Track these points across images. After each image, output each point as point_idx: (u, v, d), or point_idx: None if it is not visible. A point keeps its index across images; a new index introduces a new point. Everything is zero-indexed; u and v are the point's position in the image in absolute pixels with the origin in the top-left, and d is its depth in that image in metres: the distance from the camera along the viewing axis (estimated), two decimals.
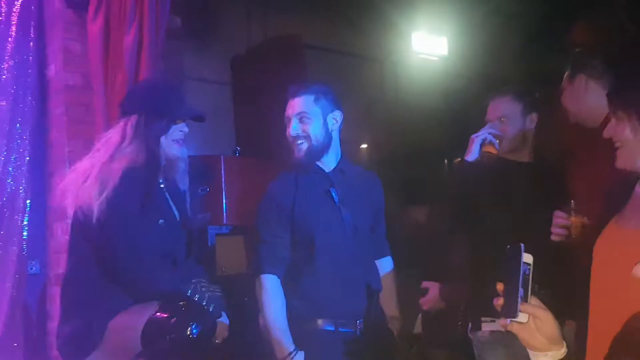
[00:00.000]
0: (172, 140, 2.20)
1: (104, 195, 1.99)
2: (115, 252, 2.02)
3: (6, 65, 3.56)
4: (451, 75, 5.82)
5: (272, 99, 4.60)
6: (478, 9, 5.17)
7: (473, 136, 2.53)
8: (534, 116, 2.63)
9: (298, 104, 2.32)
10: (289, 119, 2.32)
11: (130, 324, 1.98)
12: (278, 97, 4.49)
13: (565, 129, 2.69)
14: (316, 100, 2.32)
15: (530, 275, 1.18)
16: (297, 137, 2.30)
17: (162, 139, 2.18)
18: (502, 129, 2.57)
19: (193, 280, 2.09)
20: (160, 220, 2.12)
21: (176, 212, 2.26)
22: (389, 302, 2.43)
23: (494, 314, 2.25)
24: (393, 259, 2.54)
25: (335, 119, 2.35)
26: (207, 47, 4.63)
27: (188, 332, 1.92)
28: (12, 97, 3.60)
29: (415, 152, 5.03)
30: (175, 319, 1.94)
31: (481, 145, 2.50)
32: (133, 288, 2.03)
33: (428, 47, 5.66)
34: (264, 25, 5.11)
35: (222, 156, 3.90)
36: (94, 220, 2.00)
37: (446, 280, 2.67)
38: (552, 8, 4.99)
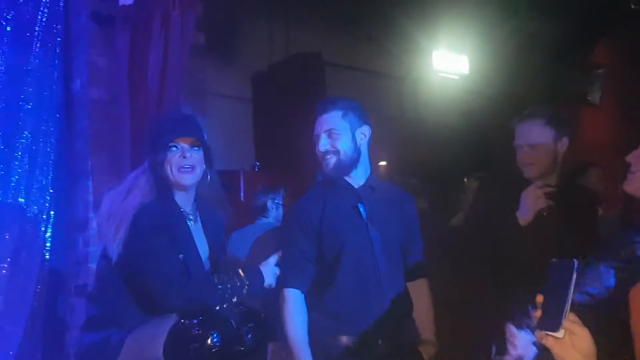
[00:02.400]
0: (178, 170, 2.15)
1: (119, 235, 2.02)
2: (137, 277, 2.04)
3: (31, 80, 3.64)
4: (472, 94, 5.82)
5: (292, 115, 4.65)
6: (499, 27, 5.17)
7: (527, 194, 2.43)
8: (565, 140, 2.54)
9: (326, 121, 2.33)
10: (318, 136, 2.33)
11: (151, 336, 1.99)
12: (298, 113, 4.53)
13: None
14: (344, 115, 2.33)
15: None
16: (327, 152, 2.31)
17: (168, 168, 2.15)
18: (532, 155, 2.50)
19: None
20: (180, 256, 2.10)
21: (205, 246, 2.24)
22: (423, 325, 2.39)
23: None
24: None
25: (364, 133, 2.36)
26: (229, 63, 4.69)
27: (209, 342, 1.93)
28: (36, 111, 3.67)
29: (434, 170, 5.02)
30: (196, 329, 1.95)
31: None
32: (159, 304, 2.04)
33: (449, 66, 5.67)
34: (286, 42, 5.17)
35: (241, 171, 3.93)
36: (113, 258, 2.03)
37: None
38: (574, 28, 4.98)
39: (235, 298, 2.07)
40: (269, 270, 2.23)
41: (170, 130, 2.18)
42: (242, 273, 2.15)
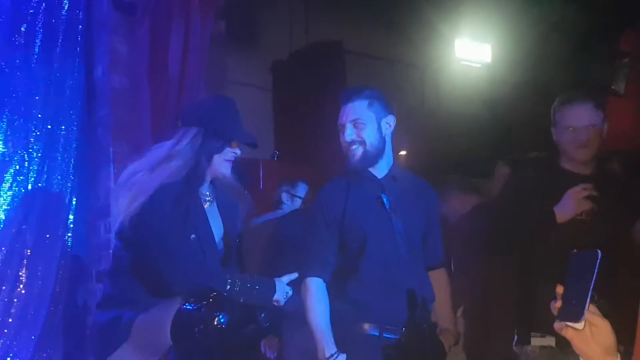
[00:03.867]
0: (224, 160, 2.25)
1: (132, 207, 2.04)
2: (148, 260, 2.06)
3: (53, 68, 3.67)
4: (494, 83, 5.75)
5: (312, 104, 4.64)
6: (523, 15, 5.09)
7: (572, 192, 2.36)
8: (606, 126, 2.50)
9: (352, 110, 2.31)
10: (343, 126, 2.32)
11: (158, 319, 2.01)
12: (318, 102, 4.52)
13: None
14: (370, 105, 2.31)
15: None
16: (352, 142, 2.30)
17: (216, 157, 2.23)
18: (588, 137, 2.43)
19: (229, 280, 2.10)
20: (192, 236, 2.14)
21: (219, 227, 2.28)
22: (443, 314, 2.40)
23: (544, 329, 2.20)
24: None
25: (389, 123, 2.34)
26: (249, 51, 4.69)
27: (216, 323, 1.94)
28: (59, 99, 3.70)
29: (456, 160, 4.98)
30: (202, 310, 1.96)
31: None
32: (165, 288, 2.06)
33: (471, 54, 5.60)
34: (306, 30, 5.15)
35: (260, 160, 3.93)
36: (122, 229, 2.06)
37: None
38: (598, 16, 4.89)
39: (242, 299, 2.07)
40: (280, 287, 2.22)
41: (236, 131, 2.27)
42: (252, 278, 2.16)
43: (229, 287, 2.05)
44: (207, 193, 2.28)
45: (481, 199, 3.13)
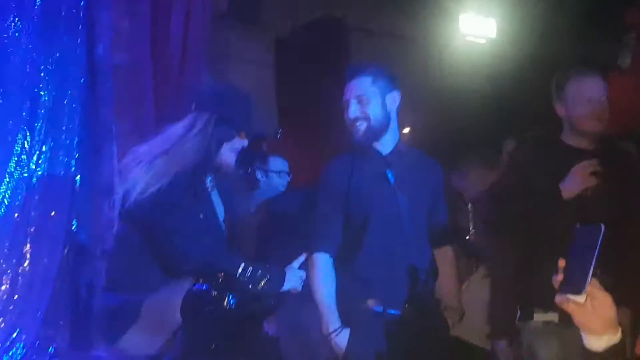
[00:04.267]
0: (231, 149, 2.26)
1: (149, 191, 2.04)
2: (159, 237, 2.07)
3: (55, 46, 3.64)
4: (499, 58, 5.70)
5: (316, 81, 4.61)
6: None
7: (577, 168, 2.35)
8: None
9: (356, 86, 2.31)
10: (347, 102, 2.31)
11: (168, 298, 2.03)
12: (321, 79, 4.49)
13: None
14: (374, 81, 2.31)
15: None
16: (356, 118, 2.30)
17: (224, 144, 2.23)
18: (602, 109, 2.41)
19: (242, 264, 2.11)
20: (201, 215, 2.16)
21: (221, 211, 2.30)
22: (447, 291, 2.42)
23: (547, 305, 2.21)
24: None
25: (394, 99, 2.34)
26: (252, 28, 4.65)
27: (225, 304, 1.95)
28: (61, 76, 3.68)
29: (460, 137, 4.96)
30: (212, 291, 1.97)
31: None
32: (177, 266, 2.07)
33: (476, 29, 5.55)
34: (309, 6, 5.09)
35: (264, 138, 3.90)
36: (135, 210, 2.05)
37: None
38: None
39: (251, 286, 2.08)
40: (293, 274, 2.22)
41: (248, 123, 2.30)
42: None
43: (240, 271, 2.05)
44: (209, 179, 2.31)
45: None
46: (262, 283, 2.10)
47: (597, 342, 1.20)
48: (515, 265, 2.49)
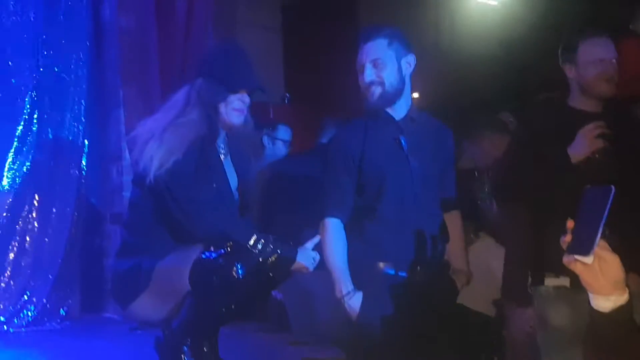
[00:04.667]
0: (232, 109, 2.17)
1: (167, 165, 2.03)
2: (174, 207, 2.07)
3: (61, 9, 3.61)
4: (511, 21, 5.59)
5: (324, 43, 4.56)
6: None
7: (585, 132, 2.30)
8: None
9: (371, 49, 2.24)
10: (363, 66, 2.26)
11: (177, 265, 2.03)
12: (330, 42, 4.43)
13: None
14: (390, 44, 2.24)
15: None
16: (372, 83, 2.25)
17: (222, 106, 2.17)
18: (614, 70, 2.36)
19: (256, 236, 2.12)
20: (214, 184, 2.16)
21: (234, 179, 2.28)
22: (456, 255, 2.41)
23: (557, 270, 2.20)
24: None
25: (409, 63, 2.28)
26: None
27: (234, 272, 1.96)
28: (67, 41, 3.66)
29: (470, 102, 4.91)
30: (221, 260, 1.98)
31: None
32: (190, 236, 2.08)
33: None
34: None
35: (270, 103, 3.89)
36: (156, 183, 2.04)
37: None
38: None
39: (261, 259, 2.07)
40: (306, 254, 2.21)
41: (239, 76, 2.20)
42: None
43: (252, 242, 2.05)
44: (222, 146, 2.27)
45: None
46: (273, 258, 2.09)
47: (605, 302, 1.19)
48: (526, 231, 2.48)
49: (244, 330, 3.00)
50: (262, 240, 2.06)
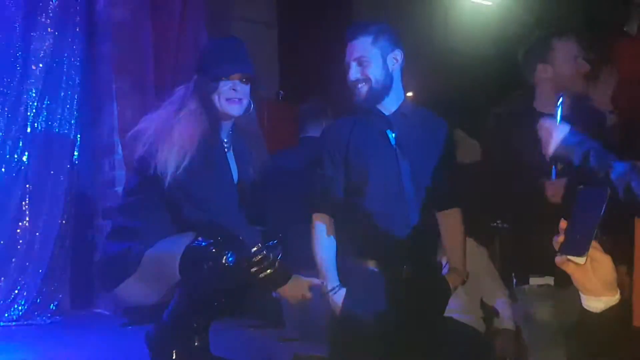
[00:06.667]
0: (226, 100, 2.16)
1: (184, 162, 2.02)
2: (182, 201, 2.07)
3: (54, 2, 3.59)
4: (505, 21, 5.61)
5: (318, 40, 4.55)
6: None
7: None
8: None
9: (356, 47, 2.25)
10: (348, 64, 2.27)
11: (168, 252, 2.03)
12: (324, 38, 4.42)
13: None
14: (374, 41, 2.25)
15: None
16: (357, 81, 2.25)
17: (216, 98, 2.16)
18: (586, 68, 2.39)
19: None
20: (216, 179, 2.16)
21: (235, 173, 2.27)
22: (453, 254, 2.39)
23: (542, 270, 2.22)
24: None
25: (396, 58, 2.28)
26: None
27: (224, 261, 1.96)
28: (60, 33, 3.63)
29: (461, 101, 4.92)
30: (211, 247, 1.97)
31: None
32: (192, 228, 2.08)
33: None
34: None
35: (264, 100, 3.88)
36: (167, 179, 2.03)
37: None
38: None
39: (254, 270, 2.06)
40: (297, 286, 2.16)
41: (223, 63, 2.18)
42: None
43: (254, 249, 2.04)
44: (225, 140, 2.26)
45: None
46: (267, 272, 2.08)
47: (596, 303, 1.20)
48: (507, 236, 2.49)
49: (235, 326, 3.01)
50: (263, 253, 2.05)
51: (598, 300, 1.20)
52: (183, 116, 2.13)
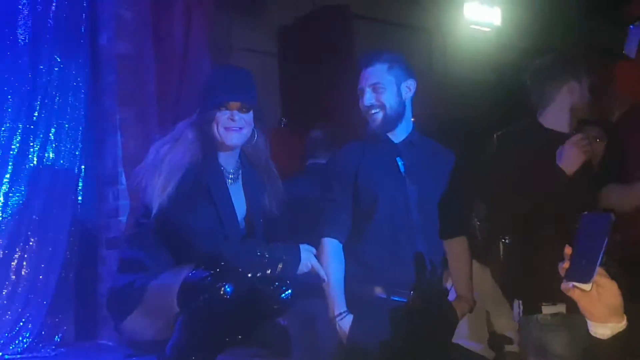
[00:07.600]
0: (224, 128, 2.14)
1: (167, 191, 2.02)
2: (175, 235, 2.07)
3: (59, 35, 3.64)
4: (504, 47, 5.66)
5: (319, 69, 4.60)
6: None
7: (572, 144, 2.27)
8: None
9: (371, 74, 2.29)
10: (363, 90, 2.30)
11: (167, 285, 2.02)
12: (325, 67, 4.47)
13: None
14: (390, 69, 2.29)
15: None
16: (372, 106, 2.28)
17: (214, 127, 2.14)
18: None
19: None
20: (208, 210, 2.12)
21: (242, 205, 2.25)
22: (459, 281, 2.39)
23: (554, 297, 2.20)
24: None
25: (409, 87, 2.32)
26: (254, 16, 4.63)
27: (222, 292, 1.93)
28: (65, 66, 3.68)
29: (463, 127, 4.94)
30: (208, 279, 1.94)
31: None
32: (186, 258, 2.07)
33: (480, 17, 5.52)
34: None
35: (267, 127, 3.90)
36: (154, 210, 2.04)
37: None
38: None
39: (270, 271, 2.06)
40: (307, 254, 2.19)
41: (221, 91, 2.17)
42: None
43: (258, 259, 2.04)
44: (231, 170, 2.23)
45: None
46: (279, 266, 2.07)
47: (602, 329, 1.20)
48: (517, 262, 2.46)
49: (243, 356, 2.98)
50: (267, 254, 2.05)
51: (604, 326, 1.20)
52: (177, 145, 2.13)
